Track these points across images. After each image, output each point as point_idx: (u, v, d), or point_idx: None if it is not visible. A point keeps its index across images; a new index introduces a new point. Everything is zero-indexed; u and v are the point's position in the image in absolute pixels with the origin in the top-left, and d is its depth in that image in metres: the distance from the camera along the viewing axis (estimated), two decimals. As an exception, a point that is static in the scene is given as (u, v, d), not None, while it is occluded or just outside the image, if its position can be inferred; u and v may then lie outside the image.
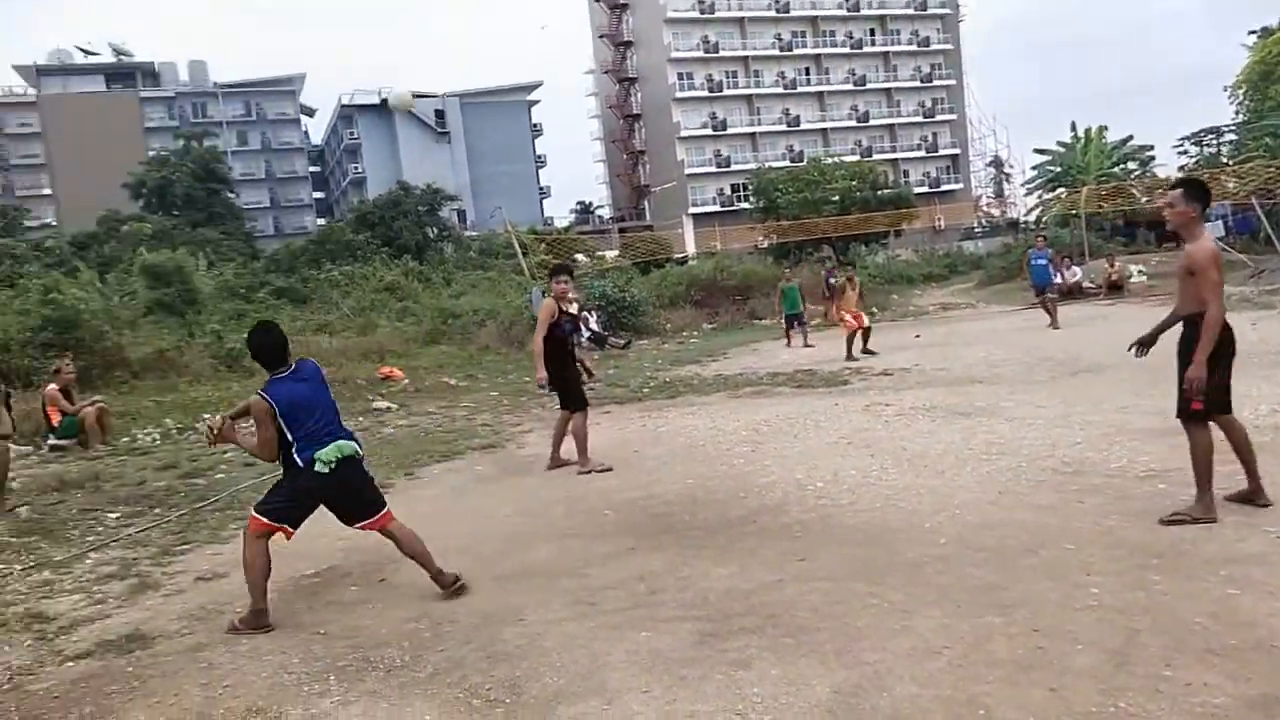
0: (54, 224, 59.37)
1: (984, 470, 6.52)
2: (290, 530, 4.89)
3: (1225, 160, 45.03)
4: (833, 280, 23.39)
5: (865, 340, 15.53)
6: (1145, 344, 5.40)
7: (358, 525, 5.00)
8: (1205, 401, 4.91)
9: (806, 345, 18.53)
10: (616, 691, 3.60)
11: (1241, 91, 51.35)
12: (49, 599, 5.51)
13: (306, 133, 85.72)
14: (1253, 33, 52.05)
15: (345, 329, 21.20)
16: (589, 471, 7.66)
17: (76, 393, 11.92)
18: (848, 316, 15.51)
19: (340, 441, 4.80)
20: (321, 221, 68.67)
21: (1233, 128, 51.05)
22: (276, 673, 4.13)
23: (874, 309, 26.02)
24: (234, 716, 3.71)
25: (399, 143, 72.56)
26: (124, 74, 76.98)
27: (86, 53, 76.65)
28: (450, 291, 28.67)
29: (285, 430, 4.73)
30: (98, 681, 4.15)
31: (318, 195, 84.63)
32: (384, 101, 73.20)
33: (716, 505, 6.39)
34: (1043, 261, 17.88)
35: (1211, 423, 5.02)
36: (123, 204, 50.22)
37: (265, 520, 4.80)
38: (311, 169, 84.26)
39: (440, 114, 73.81)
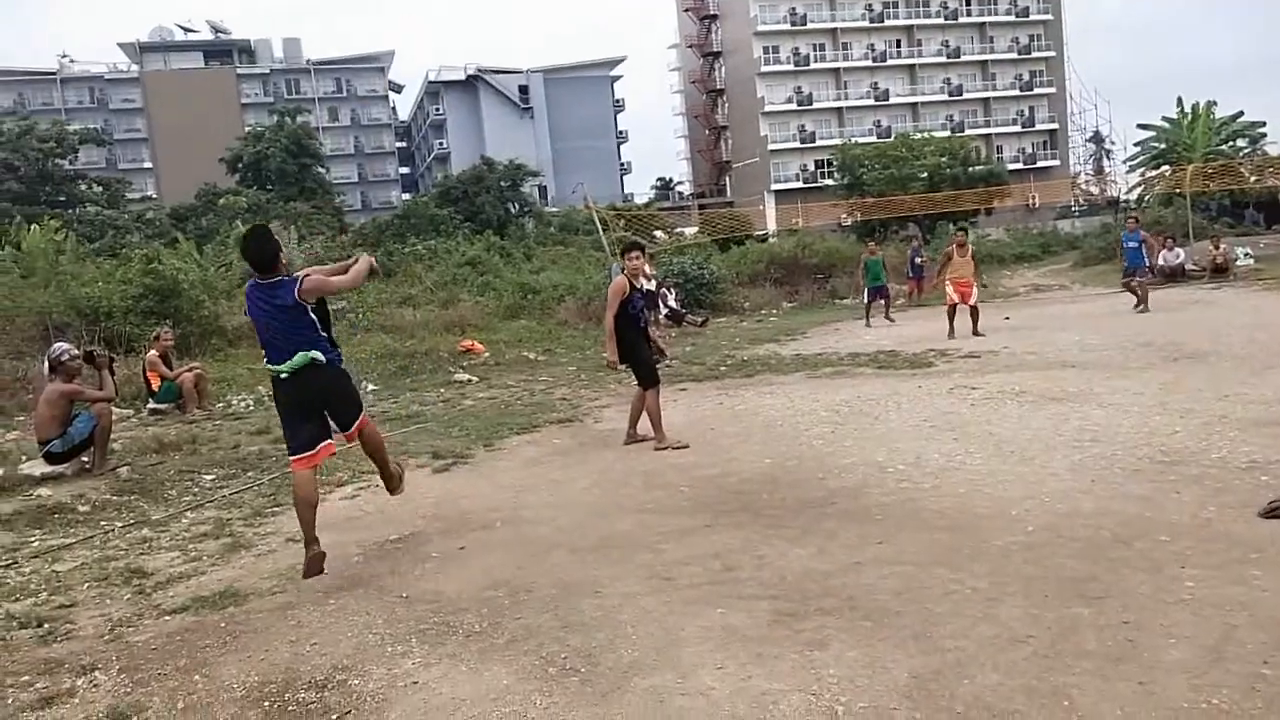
0: (154, 196, 62.01)
1: (1076, 458, 6.30)
2: (305, 456, 5.15)
3: (1347, 136, 42.36)
4: (919, 259, 22.96)
5: (974, 321, 14.64)
6: None
7: (321, 450, 5.24)
8: None
9: (888, 319, 18.22)
10: (691, 666, 3.61)
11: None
12: (147, 555, 5.78)
13: (394, 109, 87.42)
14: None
15: (428, 302, 21.61)
16: (665, 448, 7.66)
17: (175, 359, 12.45)
18: (950, 289, 14.69)
19: (302, 352, 4.98)
20: (407, 196, 70.02)
21: (1356, 102, 48.00)
22: (361, 633, 4.26)
23: (984, 282, 25.37)
24: (320, 673, 3.84)
25: (483, 119, 73.43)
26: (221, 51, 79.58)
27: (186, 30, 79.52)
28: (530, 267, 28.96)
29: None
30: (192, 635, 4.34)
31: (404, 170, 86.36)
32: (469, 77, 74.07)
33: (795, 485, 6.33)
34: (1134, 244, 17.20)
35: None
36: (220, 178, 52.06)
37: (289, 456, 5.22)
38: (398, 144, 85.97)
39: (524, 89, 74.38)
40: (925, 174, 44.46)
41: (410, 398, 11.85)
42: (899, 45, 72.08)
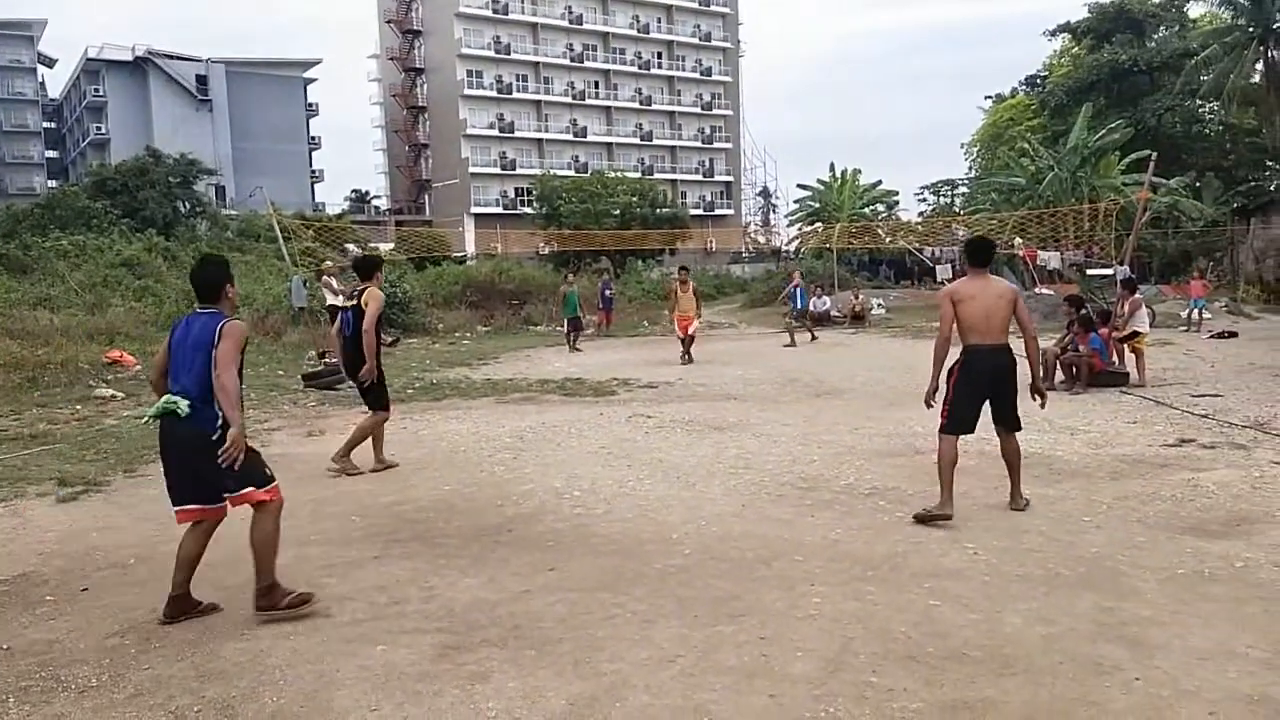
0: None
1: (731, 483, 6.83)
2: (179, 512, 4.46)
3: (957, 210, 50.41)
4: (609, 291, 24.08)
5: (687, 348, 15.96)
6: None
7: (186, 513, 4.48)
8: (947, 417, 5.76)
9: (574, 349, 18.89)
10: (343, 711, 3.41)
11: (975, 149, 57.86)
12: None
13: (43, 84, 76.47)
14: (988, 97, 58.82)
15: (71, 305, 19.00)
16: (340, 472, 7.30)
17: None
18: (675, 323, 16.29)
19: (169, 395, 4.32)
20: (53, 184, 61.33)
21: (965, 181, 57.28)
22: (-59, 696, 3.58)
23: (645, 323, 26.84)
24: (-124, 751, 3.17)
25: (152, 106, 66.19)
26: None
27: None
28: (201, 273, 26.48)
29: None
30: None
31: (51, 154, 75.63)
32: (137, 59, 66.61)
33: (472, 513, 6.27)
34: (799, 292, 19.82)
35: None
36: None
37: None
38: (46, 125, 75.19)
39: (203, 80, 68.10)
40: (618, 211, 46.60)
41: (37, 414, 10.29)
42: (597, 86, 75.26)
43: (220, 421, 4.26)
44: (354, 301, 7.64)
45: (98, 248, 26.12)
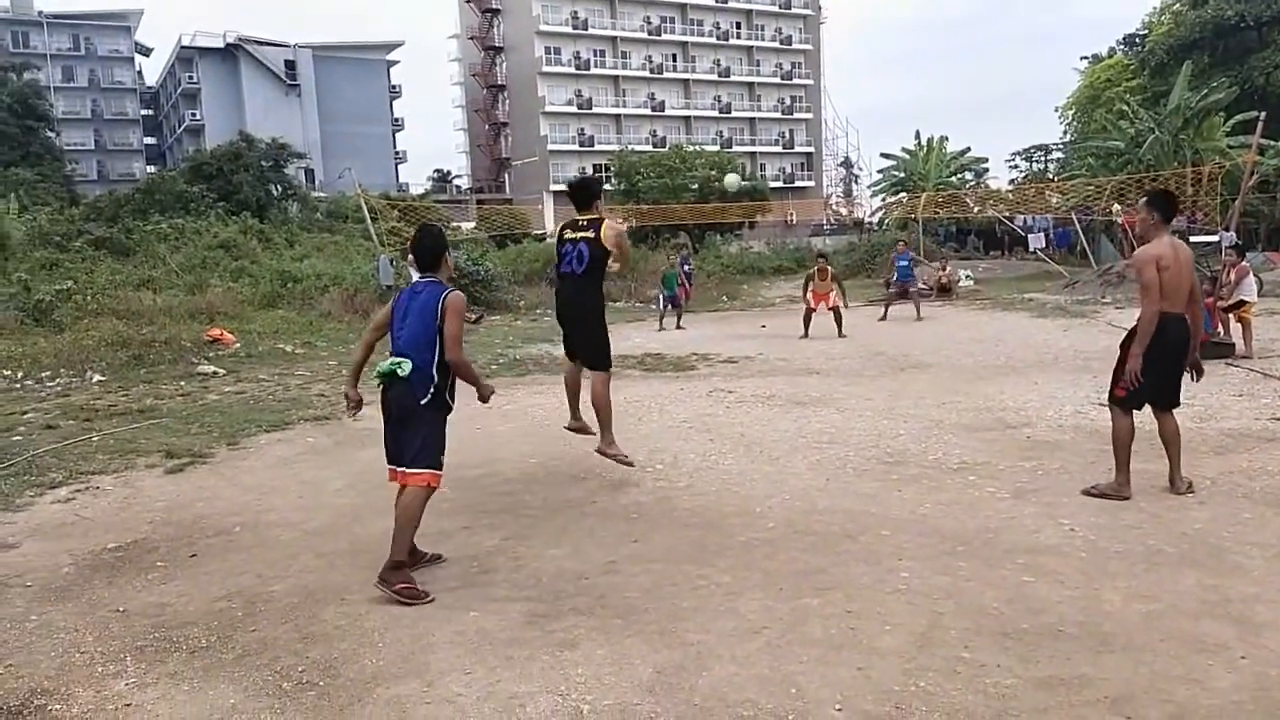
0: None
1: (815, 458, 6.77)
2: (390, 470, 4.58)
3: (1051, 176, 48.59)
4: (687, 268, 23.93)
5: (838, 324, 15.99)
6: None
7: (397, 473, 4.53)
8: (1130, 391, 5.38)
9: (679, 327, 18.95)
10: (438, 673, 3.52)
11: (1070, 113, 55.57)
12: None
13: (140, 73, 79.59)
14: (1084, 58, 56.41)
15: (172, 286, 19.81)
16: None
17: None
18: (810, 298, 16.44)
19: (394, 357, 4.44)
20: (152, 169, 63.92)
21: (1059, 146, 55.12)
22: (67, 652, 3.83)
23: (724, 298, 26.71)
24: (15, 698, 3.41)
25: (244, 92, 68.34)
26: (-71, -9, 69.15)
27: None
28: (293, 254, 27.28)
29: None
30: None
31: (149, 141, 78.79)
32: (228, 46, 68.73)
33: (557, 485, 6.37)
34: (905, 262, 19.21)
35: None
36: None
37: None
38: (144, 112, 78.34)
39: (291, 65, 69.92)
40: (696, 185, 46.26)
41: (144, 390, 10.80)
42: (675, 59, 74.62)
43: (432, 390, 4.41)
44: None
45: (196, 230, 27.14)
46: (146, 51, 79.88)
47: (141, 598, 4.43)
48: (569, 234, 6.25)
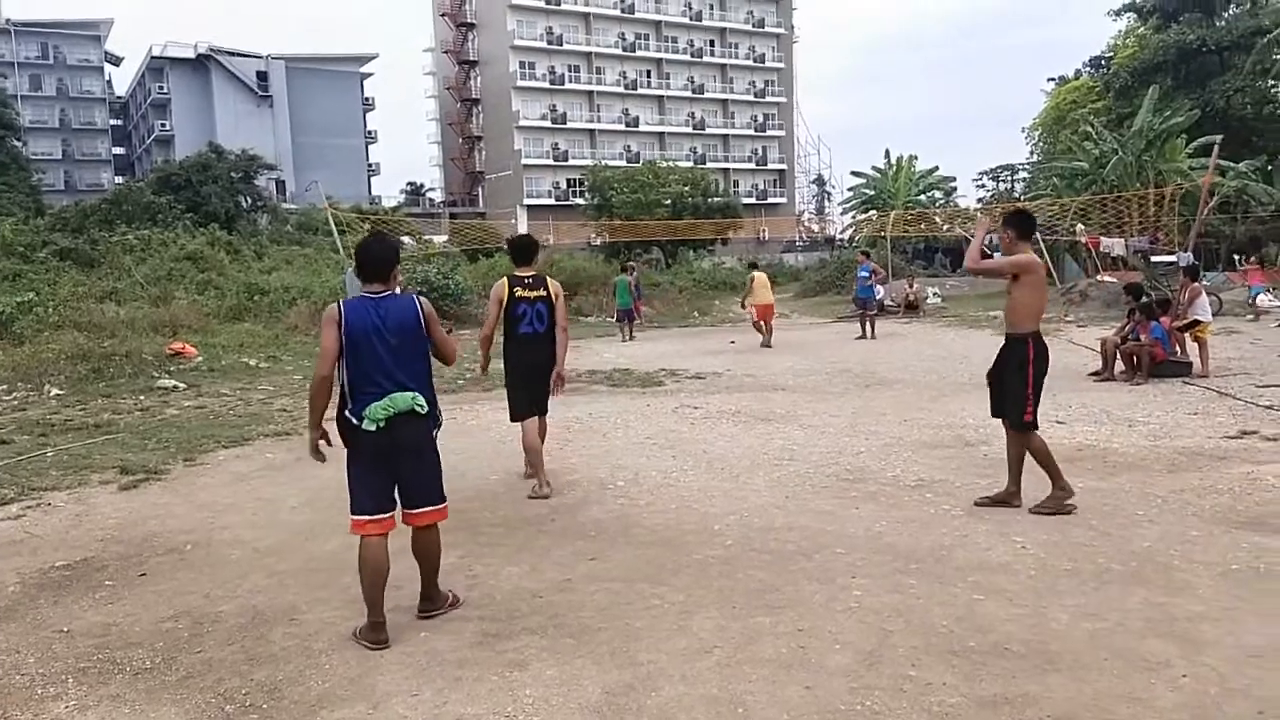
0: None
1: (775, 475, 6.80)
2: (369, 520, 3.99)
3: (1017, 196, 49.29)
4: (636, 290, 24.43)
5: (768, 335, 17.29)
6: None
7: (407, 516, 4.12)
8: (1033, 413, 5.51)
9: (629, 339, 19.10)
10: (384, 695, 3.49)
11: (1037, 133, 56.47)
12: None
13: (110, 83, 78.89)
14: (1051, 80, 57.37)
15: (136, 298, 19.58)
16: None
17: None
18: (753, 311, 17.58)
19: (396, 394, 3.92)
20: (120, 180, 63.26)
21: (1026, 166, 55.95)
22: (7, 674, 3.76)
23: (696, 313, 26.85)
24: (-54, 725, 3.33)
25: (214, 103, 67.88)
26: (-110, -5, 68.11)
27: None
28: (261, 266, 27.10)
29: (343, 364, 3.94)
30: None
31: (118, 151, 78.07)
32: (199, 56, 68.28)
33: (517, 503, 6.34)
34: (864, 274, 18.98)
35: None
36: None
37: (352, 516, 4.06)
38: (113, 122, 77.62)
39: (263, 76, 69.59)
40: (669, 201, 46.49)
41: (102, 404, 10.65)
42: (649, 76, 75.07)
43: (439, 418, 4.15)
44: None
45: (162, 241, 26.88)
46: (116, 61, 79.29)
47: (87, 617, 4.36)
48: (521, 292, 6.37)
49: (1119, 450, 7.23)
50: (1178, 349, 11.33)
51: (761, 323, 17.56)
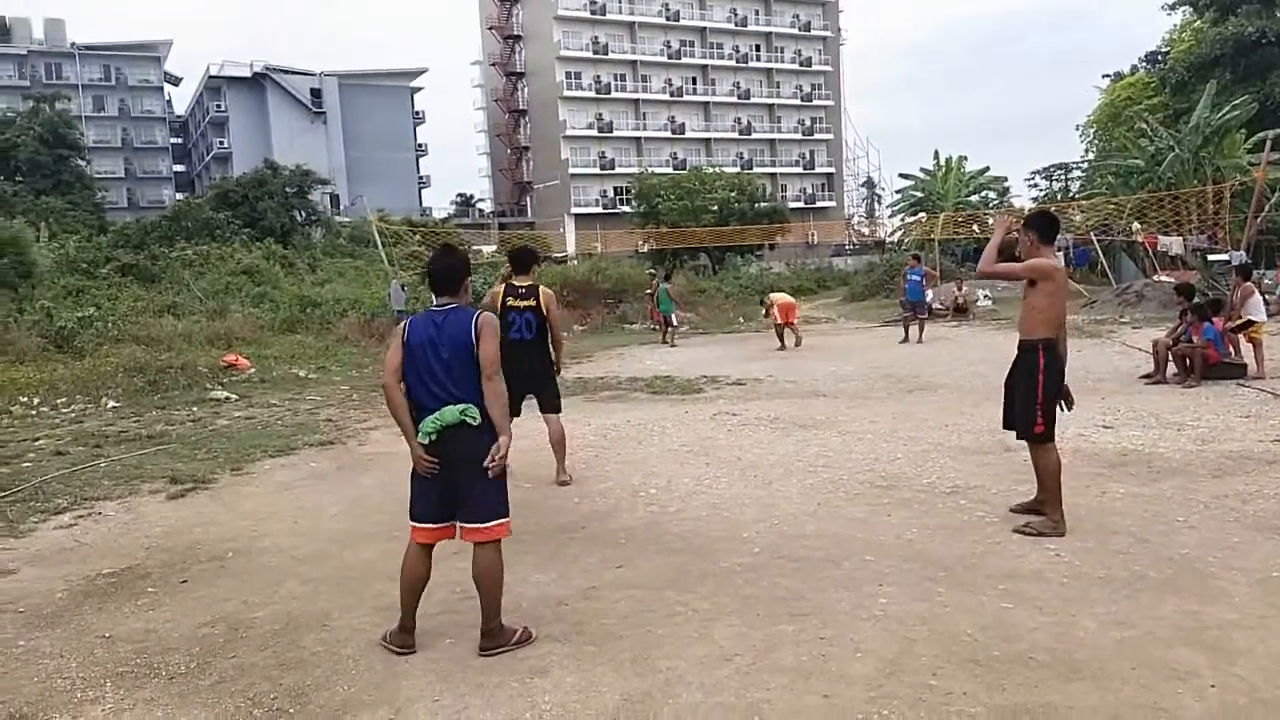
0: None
1: (808, 482, 6.76)
2: (422, 528, 4.06)
3: (1072, 195, 48.25)
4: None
5: (787, 339, 17.72)
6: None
7: (463, 531, 4.06)
8: (1047, 421, 5.27)
9: (672, 345, 19.27)
10: (407, 700, 3.56)
11: (1091, 130, 55.25)
12: None
13: (170, 102, 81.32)
14: (1106, 76, 56.12)
15: (194, 312, 20.16)
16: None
17: None
18: (776, 313, 17.89)
19: (446, 407, 3.90)
20: (181, 196, 65.17)
21: (1081, 164, 54.77)
22: (50, 678, 3.91)
23: (741, 319, 26.77)
24: (-7, 725, 3.48)
25: (270, 120, 69.60)
26: (-32, 26, 71.07)
27: (-77, -2, 70.35)
28: (314, 278, 27.70)
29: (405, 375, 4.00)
30: None
31: (178, 168, 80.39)
32: (255, 75, 70.07)
33: (549, 510, 6.40)
34: (916, 277, 18.65)
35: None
36: (-42, 166, 46.33)
37: (409, 521, 4.10)
38: (173, 140, 79.97)
39: (316, 93, 71.19)
40: (716, 207, 46.40)
41: (156, 416, 11.00)
42: (695, 82, 75.10)
43: (496, 435, 3.99)
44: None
45: (220, 256, 27.65)
46: (175, 81, 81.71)
47: (129, 623, 4.51)
48: (512, 302, 6.89)
49: (1165, 455, 7.05)
50: (1231, 350, 11.01)
51: (783, 324, 17.86)
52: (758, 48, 77.49)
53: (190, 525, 6.26)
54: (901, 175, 55.13)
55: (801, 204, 72.12)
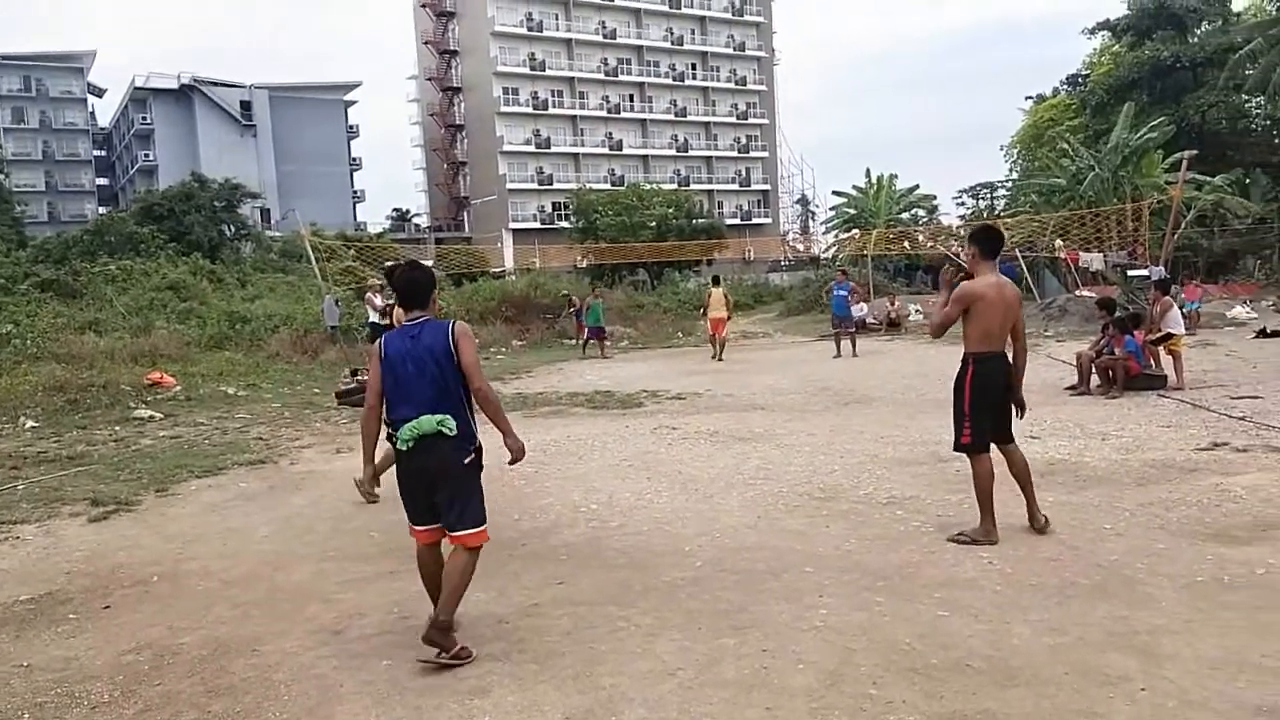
0: None
1: (749, 494, 6.80)
2: (421, 530, 4.17)
3: (997, 213, 49.67)
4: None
5: (720, 350, 18.31)
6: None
7: (450, 537, 4.10)
8: (974, 434, 5.37)
9: (604, 356, 19.55)
10: (342, 724, 3.46)
11: (1015, 150, 57.05)
12: None
13: (93, 114, 78.92)
14: (1029, 97, 58.02)
15: (117, 329, 19.50)
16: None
17: None
18: (707, 324, 18.67)
19: (424, 416, 3.95)
20: (104, 210, 63.14)
21: (1005, 184, 56.47)
22: (-39, 712, 3.71)
23: (679, 334, 26.91)
24: (-103, 765, 3.29)
25: (198, 133, 67.93)
26: None
27: None
28: (244, 294, 27.04)
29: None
30: None
31: (102, 182, 77.98)
32: (183, 87, 68.39)
33: (490, 527, 6.29)
34: (843, 293, 18.95)
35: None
36: None
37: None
38: (96, 153, 77.59)
39: (247, 105, 69.74)
40: (654, 223, 46.66)
41: (77, 436, 10.59)
42: (632, 100, 75.55)
43: (475, 445, 4.09)
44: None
45: (144, 271, 26.79)
46: (99, 93, 79.36)
47: (49, 651, 4.31)
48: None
49: (1090, 464, 7.27)
50: (1152, 362, 11.42)
51: (715, 336, 18.40)
52: (694, 66, 78.37)
53: (113, 549, 6.02)
54: (835, 192, 56.18)
55: (738, 220, 72.94)
